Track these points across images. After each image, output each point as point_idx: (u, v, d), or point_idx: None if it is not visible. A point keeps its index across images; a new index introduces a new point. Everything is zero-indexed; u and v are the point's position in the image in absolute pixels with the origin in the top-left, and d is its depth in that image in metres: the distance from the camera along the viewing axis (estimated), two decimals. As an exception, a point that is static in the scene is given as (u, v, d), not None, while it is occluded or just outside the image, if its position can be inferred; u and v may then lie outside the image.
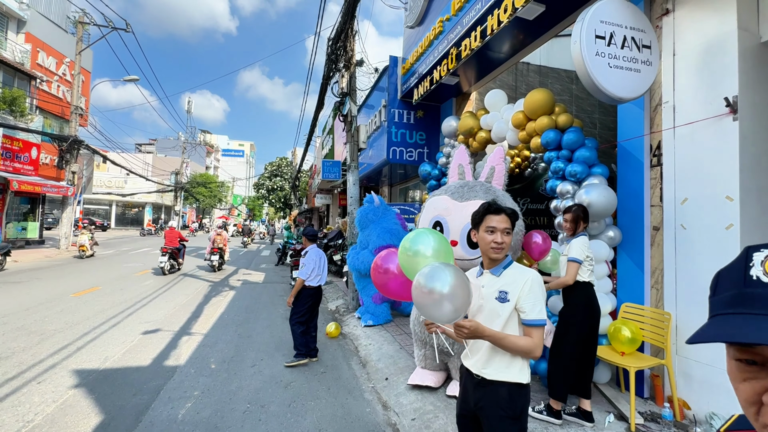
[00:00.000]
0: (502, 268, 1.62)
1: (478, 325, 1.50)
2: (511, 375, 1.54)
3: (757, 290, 0.44)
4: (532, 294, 1.53)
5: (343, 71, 6.71)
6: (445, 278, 1.47)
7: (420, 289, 1.52)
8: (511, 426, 1.54)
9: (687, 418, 2.87)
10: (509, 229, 1.61)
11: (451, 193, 3.34)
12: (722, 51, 2.80)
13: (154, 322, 5.73)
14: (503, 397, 1.54)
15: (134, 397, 3.41)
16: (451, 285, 1.46)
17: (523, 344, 1.51)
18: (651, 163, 3.32)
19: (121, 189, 34.59)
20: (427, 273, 1.53)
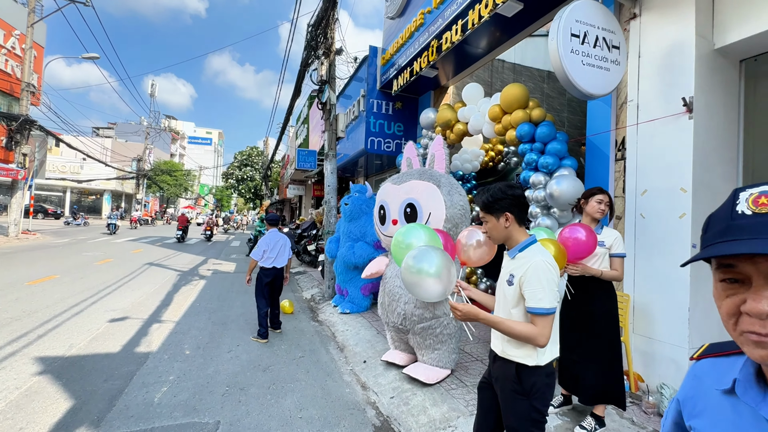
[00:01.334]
0: (518, 251, 1.61)
1: (472, 308, 1.55)
2: (519, 355, 1.58)
3: (741, 221, 0.53)
4: (531, 280, 1.50)
5: (322, 59, 6.65)
6: (432, 259, 1.62)
7: (408, 269, 1.65)
8: (521, 401, 1.58)
9: (641, 390, 3.15)
10: (484, 219, 1.66)
11: (392, 179, 3.78)
12: (681, 55, 3.05)
13: (120, 310, 5.52)
14: (513, 373, 1.60)
15: (105, 382, 3.31)
16: (437, 265, 1.60)
17: (520, 330, 1.49)
18: (616, 157, 3.57)
19: (77, 175, 32.45)
20: (415, 254, 1.66)
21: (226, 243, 18.07)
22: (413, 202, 3.47)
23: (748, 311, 0.51)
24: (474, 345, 4.27)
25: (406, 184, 3.58)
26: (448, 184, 3.53)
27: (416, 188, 3.51)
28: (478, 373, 3.53)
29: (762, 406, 0.55)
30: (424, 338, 3.34)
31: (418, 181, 3.55)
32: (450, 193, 3.46)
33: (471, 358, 3.88)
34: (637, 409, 2.89)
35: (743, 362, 0.60)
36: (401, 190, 3.59)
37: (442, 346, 3.34)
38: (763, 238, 0.49)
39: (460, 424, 2.68)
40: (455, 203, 3.45)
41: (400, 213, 3.53)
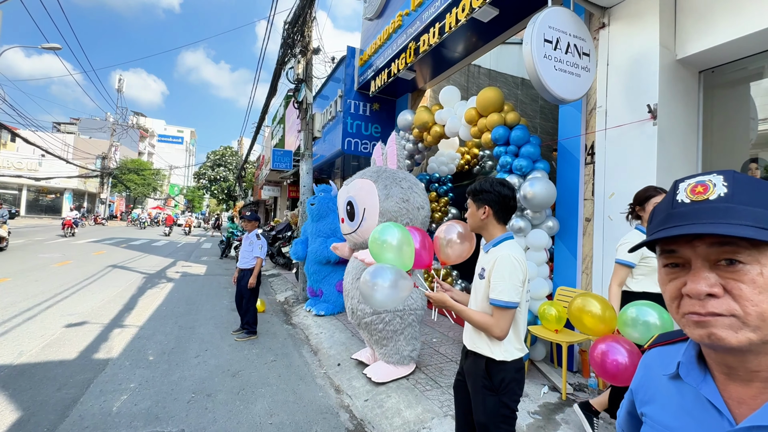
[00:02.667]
0: (491, 246, 1.64)
1: (443, 296, 1.64)
2: (487, 350, 1.60)
3: (681, 209, 0.56)
4: (494, 272, 1.53)
5: (299, 57, 6.55)
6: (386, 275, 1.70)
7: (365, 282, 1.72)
8: (489, 396, 1.59)
9: (607, 386, 3.23)
10: (468, 204, 1.71)
11: (346, 182, 3.82)
12: (646, 64, 3.19)
13: (79, 315, 5.19)
14: (481, 367, 1.62)
15: (58, 392, 3.08)
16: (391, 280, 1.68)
17: (477, 319, 1.55)
18: (585, 160, 3.68)
19: (34, 172, 30.52)
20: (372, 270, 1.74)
21: (197, 245, 17.45)
22: (351, 199, 3.54)
23: (688, 292, 0.54)
24: (448, 346, 4.28)
25: (351, 183, 3.66)
26: (388, 178, 3.52)
27: (355, 186, 3.58)
28: (452, 374, 3.53)
29: (702, 385, 0.58)
30: (370, 333, 3.42)
31: (358, 179, 3.61)
32: (387, 186, 3.46)
33: (445, 359, 3.89)
34: (605, 405, 2.96)
35: (686, 345, 0.64)
36: (345, 190, 3.67)
37: (388, 342, 3.38)
38: (697, 222, 0.52)
39: (435, 426, 2.66)
40: (392, 196, 3.42)
41: (344, 211, 3.62)
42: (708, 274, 0.53)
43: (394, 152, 3.84)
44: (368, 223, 3.43)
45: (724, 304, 0.52)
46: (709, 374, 0.59)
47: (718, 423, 0.55)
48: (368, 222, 3.43)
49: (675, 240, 0.55)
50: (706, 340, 0.53)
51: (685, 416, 0.60)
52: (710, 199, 0.54)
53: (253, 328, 4.79)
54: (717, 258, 0.53)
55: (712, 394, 0.57)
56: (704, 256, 0.53)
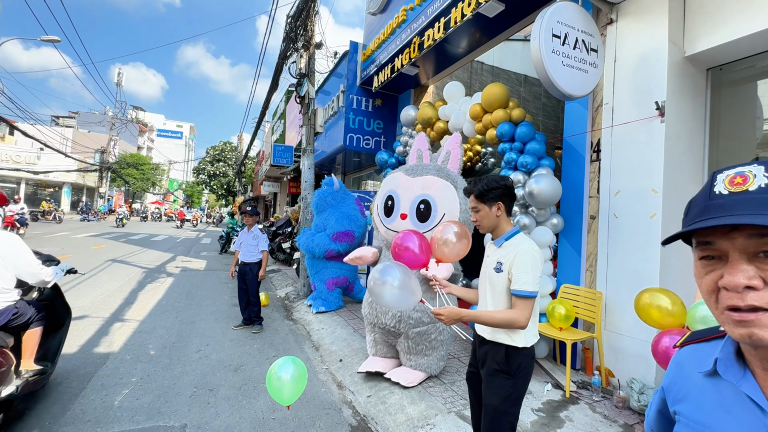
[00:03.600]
0: (504, 240, 1.70)
1: (452, 310, 1.63)
2: (507, 338, 1.65)
3: (718, 200, 0.54)
4: (516, 264, 1.58)
5: (301, 51, 6.50)
6: (395, 273, 1.72)
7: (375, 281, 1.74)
8: (504, 380, 1.65)
9: (611, 384, 3.24)
10: (476, 208, 1.72)
11: (405, 170, 3.48)
12: (654, 60, 3.16)
13: (79, 309, 5.16)
14: (499, 353, 1.67)
15: (59, 385, 3.07)
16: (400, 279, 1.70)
17: (501, 317, 1.57)
18: (591, 158, 3.66)
19: (32, 165, 30.38)
20: (380, 269, 1.75)
21: (196, 240, 17.42)
22: (429, 199, 3.16)
23: (726, 285, 0.53)
24: (452, 344, 4.26)
25: (422, 178, 3.26)
26: (460, 186, 3.27)
27: (433, 185, 3.20)
28: (455, 370, 3.52)
29: (742, 382, 0.57)
30: (417, 343, 3.18)
31: (435, 177, 3.23)
32: (462, 197, 3.20)
33: (448, 356, 3.86)
34: (609, 403, 2.96)
35: (724, 342, 0.62)
36: (416, 184, 3.25)
37: (433, 352, 3.24)
38: (736, 214, 0.51)
39: (439, 422, 2.65)
40: (465, 207, 3.18)
41: (412, 208, 3.21)
42: (746, 266, 0.52)
43: (459, 155, 3.57)
44: None
45: (764, 296, 0.50)
46: (749, 370, 0.57)
47: (759, 420, 0.54)
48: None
49: (712, 231, 0.54)
50: (747, 340, 0.52)
51: (722, 413, 0.59)
52: (750, 190, 0.52)
53: (261, 319, 4.93)
54: (756, 250, 0.51)
55: (753, 391, 0.55)
56: (742, 248, 0.52)
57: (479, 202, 1.70)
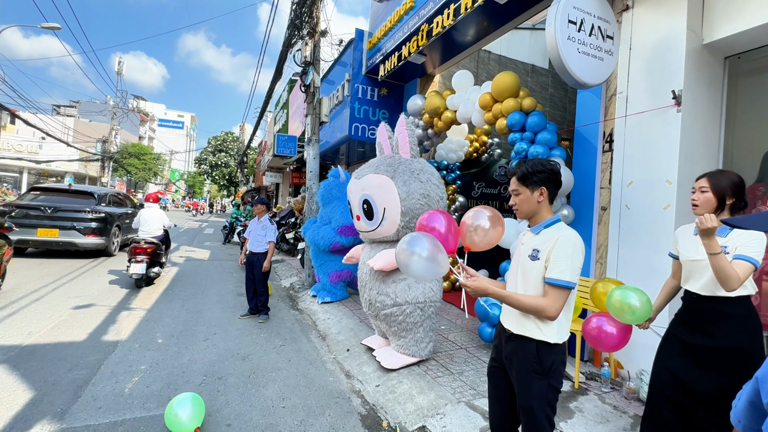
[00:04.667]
0: (543, 227, 1.62)
1: (480, 283, 1.58)
2: (538, 332, 1.55)
3: None
4: (555, 252, 1.50)
5: (306, 39, 6.40)
6: (423, 244, 1.66)
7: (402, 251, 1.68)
8: (538, 381, 1.55)
9: (620, 376, 3.23)
10: (517, 191, 1.65)
11: (355, 174, 3.61)
12: (672, 48, 3.09)
13: (86, 297, 5.18)
14: (531, 352, 1.56)
15: (70, 372, 3.08)
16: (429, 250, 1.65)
17: (530, 302, 1.49)
18: (603, 148, 3.61)
19: (34, 155, 30.37)
20: (408, 239, 1.70)
21: (199, 230, 17.44)
22: (368, 198, 3.35)
23: None
24: (457, 333, 4.27)
25: (364, 178, 3.41)
26: (405, 173, 3.30)
27: (371, 183, 3.34)
28: (462, 360, 3.53)
29: None
30: (389, 325, 3.35)
31: (373, 174, 3.35)
32: (407, 183, 3.26)
33: (455, 346, 3.88)
34: (618, 395, 2.96)
35: None
36: (359, 185, 3.44)
37: (407, 334, 3.32)
38: None
39: (448, 411, 2.65)
40: (412, 193, 3.26)
41: (360, 209, 3.44)
42: None
43: (406, 138, 3.51)
44: (389, 222, 3.31)
45: None
46: None
47: None
48: (389, 221, 3.30)
49: None
50: None
51: None
52: None
53: (268, 309, 4.93)
54: None
55: None
56: None
57: (521, 185, 1.62)
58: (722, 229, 1.79)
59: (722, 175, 1.86)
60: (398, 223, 3.29)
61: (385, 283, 3.30)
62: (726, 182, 1.83)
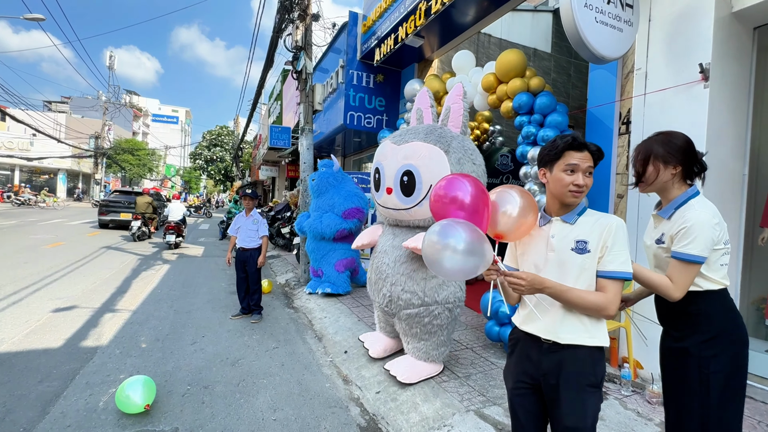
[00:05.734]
0: (577, 215, 1.40)
1: (536, 276, 1.32)
2: (590, 337, 1.34)
3: None
4: (618, 242, 1.32)
5: (297, 22, 6.05)
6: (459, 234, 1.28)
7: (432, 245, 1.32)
8: (592, 395, 1.34)
9: (640, 377, 2.99)
10: (592, 169, 1.40)
11: (393, 137, 3.04)
12: (698, 17, 2.78)
13: (68, 299, 4.90)
14: (585, 360, 1.34)
15: (40, 384, 2.81)
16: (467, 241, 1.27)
17: (592, 299, 1.30)
18: (619, 130, 3.32)
19: (26, 152, 29.83)
20: (439, 230, 1.33)
21: (194, 226, 17.12)
22: (412, 169, 2.76)
23: None
24: (463, 332, 4.02)
25: (407, 145, 2.83)
26: (459, 149, 2.77)
27: (418, 152, 2.76)
28: (469, 363, 3.28)
29: None
30: (410, 326, 2.92)
31: (421, 143, 2.77)
32: (461, 162, 2.73)
33: (460, 346, 3.63)
34: (640, 398, 2.72)
35: None
36: (400, 153, 2.84)
37: (430, 337, 2.93)
38: None
39: (457, 422, 2.40)
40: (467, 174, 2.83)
41: (396, 181, 2.84)
42: None
43: (461, 110, 2.93)
44: None
45: None
46: None
47: None
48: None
49: None
50: None
51: None
52: None
53: (261, 308, 4.70)
54: None
55: None
56: None
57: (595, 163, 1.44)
58: (666, 209, 1.56)
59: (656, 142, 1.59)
60: None
61: (414, 279, 2.84)
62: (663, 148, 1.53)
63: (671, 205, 1.54)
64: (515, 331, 1.54)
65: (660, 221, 1.60)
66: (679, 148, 1.53)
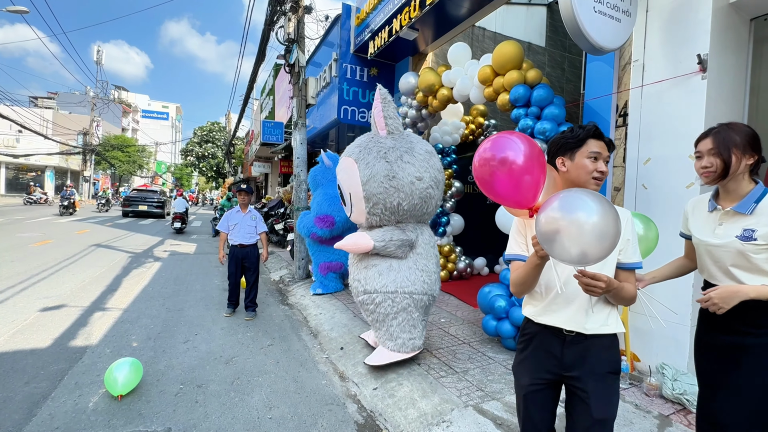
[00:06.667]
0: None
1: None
2: (610, 325, 1.35)
3: None
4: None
5: (289, 14, 5.94)
6: (588, 204, 1.06)
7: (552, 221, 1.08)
8: (615, 383, 1.35)
9: (637, 370, 2.99)
10: (608, 159, 1.39)
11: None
12: (695, 8, 2.76)
13: (56, 298, 4.79)
14: (609, 348, 1.34)
15: (26, 385, 2.72)
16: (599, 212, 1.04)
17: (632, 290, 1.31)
18: (616, 123, 3.30)
19: (12, 149, 29.16)
20: (558, 204, 1.09)
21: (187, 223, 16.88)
22: (339, 182, 3.22)
23: None
24: (459, 326, 4.00)
25: (339, 162, 3.25)
26: (372, 152, 2.92)
27: (340, 166, 3.15)
28: (466, 357, 3.25)
29: None
30: (366, 314, 3.14)
31: (343, 157, 3.15)
32: (369, 165, 2.88)
33: (457, 341, 3.61)
34: (638, 391, 2.72)
35: None
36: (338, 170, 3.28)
37: (381, 325, 3.01)
38: None
39: (455, 418, 2.37)
40: (375, 175, 2.86)
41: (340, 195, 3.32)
42: None
43: (380, 113, 3.01)
44: (357, 209, 3.06)
45: None
46: None
47: None
48: (357, 208, 3.05)
49: None
50: None
51: None
52: None
53: (256, 305, 4.65)
54: None
55: None
56: None
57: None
58: (745, 203, 1.44)
59: (732, 130, 1.45)
60: (364, 210, 3.01)
61: (358, 268, 3.13)
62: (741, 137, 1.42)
63: (749, 198, 1.43)
64: (529, 324, 1.47)
65: (731, 217, 1.47)
66: (754, 137, 1.44)
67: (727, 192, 1.51)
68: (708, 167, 1.48)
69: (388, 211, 2.97)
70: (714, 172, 1.47)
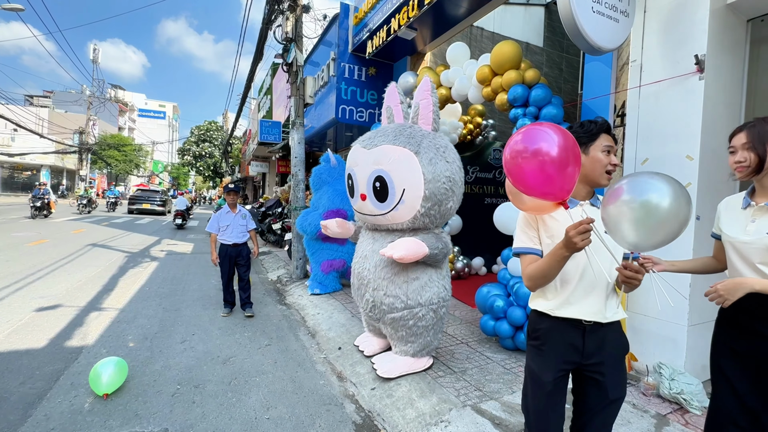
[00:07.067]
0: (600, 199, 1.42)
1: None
2: (620, 312, 1.45)
3: None
4: None
5: (287, 13, 5.92)
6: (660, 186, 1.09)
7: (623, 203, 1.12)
8: (623, 363, 1.46)
9: (634, 369, 3.00)
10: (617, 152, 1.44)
11: (362, 141, 2.89)
12: (693, 8, 2.77)
13: (52, 297, 4.75)
14: (621, 335, 1.46)
15: (22, 386, 2.70)
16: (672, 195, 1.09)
17: None
18: (614, 123, 3.31)
19: (7, 148, 28.96)
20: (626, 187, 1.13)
21: (183, 223, 16.81)
22: (383, 174, 2.67)
23: None
24: (457, 326, 4.00)
25: (376, 149, 2.71)
26: (430, 148, 2.66)
27: (388, 155, 2.65)
28: (465, 357, 3.25)
29: None
30: (395, 329, 2.89)
31: (391, 146, 2.66)
32: (432, 162, 2.62)
33: (455, 341, 3.61)
34: (635, 390, 2.72)
35: None
36: (370, 158, 2.74)
37: (417, 339, 2.87)
38: None
39: (454, 418, 2.37)
40: (438, 175, 2.64)
41: (369, 187, 2.76)
42: None
43: (430, 105, 2.78)
44: (407, 207, 2.67)
45: None
46: None
47: None
48: (407, 206, 2.67)
49: None
50: None
51: None
52: None
53: (251, 303, 4.67)
54: None
55: None
56: None
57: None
58: None
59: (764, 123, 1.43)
60: (417, 209, 2.67)
61: (395, 283, 2.78)
62: None
63: None
64: (543, 319, 1.45)
65: (765, 213, 1.45)
66: None
67: (763, 187, 1.47)
68: (742, 162, 1.47)
69: (440, 214, 2.77)
70: (748, 167, 1.45)
